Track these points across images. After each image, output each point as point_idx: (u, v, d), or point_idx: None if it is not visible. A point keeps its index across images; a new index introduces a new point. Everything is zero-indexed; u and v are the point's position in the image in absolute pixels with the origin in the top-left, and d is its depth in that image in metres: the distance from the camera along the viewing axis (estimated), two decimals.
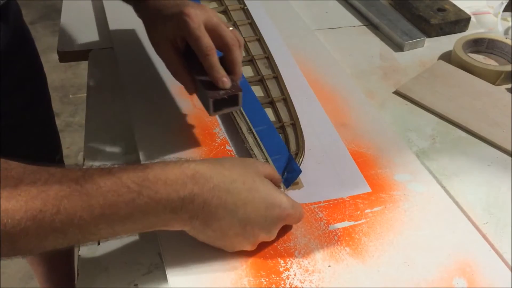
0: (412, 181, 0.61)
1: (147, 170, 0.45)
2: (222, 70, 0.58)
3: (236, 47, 0.59)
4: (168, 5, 0.61)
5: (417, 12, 0.92)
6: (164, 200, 0.45)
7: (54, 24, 1.78)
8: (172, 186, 0.45)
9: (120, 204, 0.43)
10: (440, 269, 0.51)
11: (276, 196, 0.51)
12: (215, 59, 0.57)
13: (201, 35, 0.57)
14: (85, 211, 0.42)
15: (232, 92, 0.57)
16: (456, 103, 0.74)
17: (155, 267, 0.52)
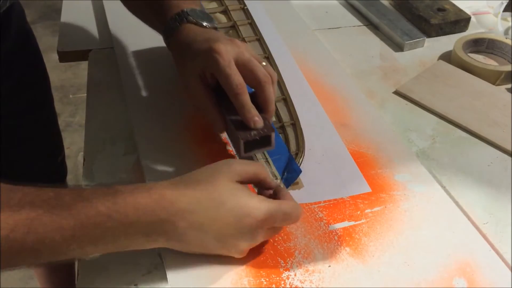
0: (412, 181, 0.61)
1: (116, 194, 0.46)
2: (253, 109, 0.55)
3: (268, 83, 0.57)
4: (198, 40, 0.59)
5: (417, 12, 0.92)
6: (135, 224, 0.45)
7: (54, 24, 1.78)
8: (141, 211, 0.46)
9: (90, 227, 0.44)
10: (440, 269, 0.51)
11: (245, 205, 0.48)
12: (246, 98, 0.55)
13: (231, 73, 0.55)
14: (56, 232, 0.43)
15: (264, 132, 0.54)
16: (456, 103, 0.74)
17: (155, 267, 0.52)
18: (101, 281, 0.51)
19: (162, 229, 0.47)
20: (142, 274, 0.52)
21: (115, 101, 0.73)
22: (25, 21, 0.84)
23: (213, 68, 0.56)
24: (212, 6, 0.89)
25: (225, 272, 0.50)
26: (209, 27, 0.63)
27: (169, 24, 0.63)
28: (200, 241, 0.48)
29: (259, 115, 0.55)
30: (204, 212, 0.47)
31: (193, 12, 0.63)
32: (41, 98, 0.91)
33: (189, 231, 0.47)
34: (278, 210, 0.49)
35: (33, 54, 0.87)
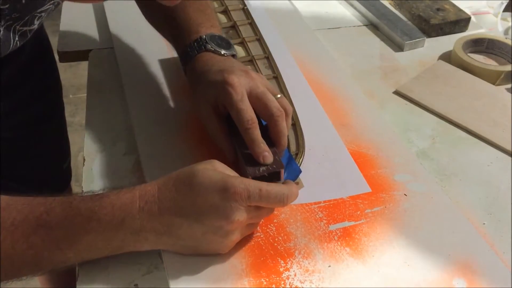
0: (412, 181, 0.61)
1: (103, 198, 0.48)
2: (263, 144, 0.54)
3: (281, 117, 0.56)
4: (213, 70, 0.59)
5: (417, 12, 0.92)
6: (123, 225, 0.47)
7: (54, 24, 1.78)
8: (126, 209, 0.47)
9: (82, 234, 0.46)
10: (440, 269, 0.51)
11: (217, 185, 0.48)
12: (256, 133, 0.55)
13: (243, 107, 0.55)
14: (52, 244, 0.46)
15: (272, 169, 0.54)
16: (456, 103, 0.74)
17: (155, 267, 0.52)
18: (101, 281, 0.51)
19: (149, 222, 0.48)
20: (142, 274, 0.52)
21: (115, 101, 0.73)
22: (43, 30, 0.84)
23: (225, 101, 0.56)
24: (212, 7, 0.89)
25: (225, 272, 0.50)
26: (227, 55, 0.63)
27: (187, 51, 0.63)
28: (186, 230, 0.48)
29: (269, 150, 0.55)
30: (182, 221, 0.48)
31: (212, 39, 0.63)
32: (54, 106, 0.91)
33: (176, 219, 0.48)
34: (257, 187, 0.48)
35: (49, 64, 0.87)
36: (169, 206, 0.47)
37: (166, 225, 0.48)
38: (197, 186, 0.48)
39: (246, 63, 0.78)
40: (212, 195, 0.47)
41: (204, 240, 0.49)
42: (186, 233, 0.48)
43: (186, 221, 0.48)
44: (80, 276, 0.51)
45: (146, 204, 0.47)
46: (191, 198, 0.48)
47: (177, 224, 0.48)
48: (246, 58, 0.78)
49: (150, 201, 0.47)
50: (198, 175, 0.48)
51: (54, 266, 0.47)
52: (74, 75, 2.13)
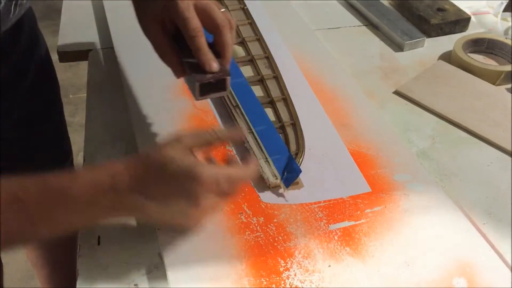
0: (412, 181, 0.61)
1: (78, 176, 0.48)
2: (210, 53, 0.56)
3: (226, 28, 0.57)
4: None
5: (417, 12, 0.92)
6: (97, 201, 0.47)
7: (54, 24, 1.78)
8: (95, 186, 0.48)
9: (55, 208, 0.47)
10: (440, 269, 0.51)
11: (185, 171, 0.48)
12: (202, 41, 0.56)
13: (189, 16, 0.56)
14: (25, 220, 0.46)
15: (219, 76, 0.55)
16: (456, 103, 0.74)
17: (155, 267, 0.52)
18: (101, 281, 0.51)
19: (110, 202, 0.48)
20: (142, 274, 0.52)
21: (115, 101, 0.73)
22: (36, 26, 0.84)
23: (171, 11, 0.57)
24: None
25: (225, 272, 0.50)
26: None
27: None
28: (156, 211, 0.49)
29: (215, 59, 0.56)
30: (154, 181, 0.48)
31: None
32: (51, 103, 0.91)
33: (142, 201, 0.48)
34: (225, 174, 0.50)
35: (44, 59, 0.87)
36: (139, 188, 0.48)
37: (136, 205, 0.48)
38: (167, 173, 0.48)
39: (246, 63, 0.78)
40: (181, 183, 0.48)
41: (175, 219, 0.50)
42: (156, 213, 0.49)
43: (156, 204, 0.49)
44: (80, 276, 0.51)
45: (117, 184, 0.48)
46: (161, 185, 0.48)
47: (147, 205, 0.48)
48: (246, 58, 0.78)
49: (121, 180, 0.48)
50: (168, 163, 0.49)
51: (26, 242, 0.48)
52: (74, 75, 2.13)
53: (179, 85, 0.74)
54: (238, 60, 0.77)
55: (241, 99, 0.69)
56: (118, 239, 0.55)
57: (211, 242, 0.53)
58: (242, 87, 0.71)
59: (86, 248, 0.54)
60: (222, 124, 0.68)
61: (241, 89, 0.71)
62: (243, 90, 0.71)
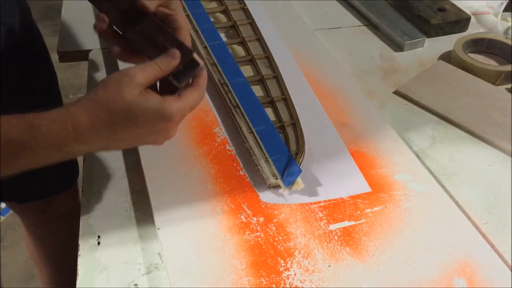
0: (412, 181, 0.61)
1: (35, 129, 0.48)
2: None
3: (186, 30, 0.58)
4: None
5: (417, 12, 0.92)
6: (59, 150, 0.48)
7: (54, 24, 1.78)
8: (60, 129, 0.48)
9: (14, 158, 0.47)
10: (440, 269, 0.51)
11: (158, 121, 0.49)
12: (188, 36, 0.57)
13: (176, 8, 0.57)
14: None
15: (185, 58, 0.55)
16: (456, 103, 0.74)
17: (155, 267, 0.52)
18: (101, 281, 0.51)
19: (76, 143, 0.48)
20: (142, 274, 0.52)
21: None
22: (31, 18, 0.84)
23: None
24: (212, 6, 0.89)
25: (225, 272, 0.50)
26: None
27: None
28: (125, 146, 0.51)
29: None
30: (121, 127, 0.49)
31: None
32: (49, 96, 0.91)
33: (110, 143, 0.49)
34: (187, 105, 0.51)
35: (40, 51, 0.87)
36: (106, 135, 0.48)
37: (104, 147, 0.49)
38: (135, 117, 0.48)
39: (246, 63, 0.78)
40: (152, 124, 0.49)
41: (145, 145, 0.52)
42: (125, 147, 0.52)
43: (125, 143, 0.50)
44: (80, 276, 0.51)
45: (82, 136, 0.48)
46: (130, 128, 0.49)
47: (115, 145, 0.50)
48: (246, 57, 0.78)
49: (85, 132, 0.48)
50: (134, 108, 0.48)
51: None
52: (74, 75, 2.13)
53: None
54: (238, 60, 0.77)
55: (241, 99, 0.69)
56: (118, 239, 0.55)
57: (211, 242, 0.53)
58: (242, 87, 0.71)
59: (86, 248, 0.54)
60: (222, 123, 0.68)
61: (241, 89, 0.71)
62: (243, 90, 0.71)
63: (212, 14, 0.88)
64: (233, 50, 0.80)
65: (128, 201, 0.59)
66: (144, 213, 0.57)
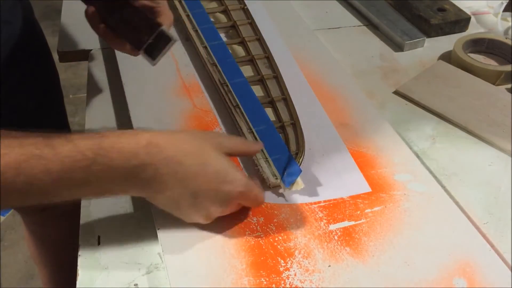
0: (412, 181, 0.61)
1: (103, 138, 0.47)
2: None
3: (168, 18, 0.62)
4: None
5: (417, 12, 0.92)
6: (118, 167, 0.47)
7: (54, 24, 1.78)
8: (125, 154, 0.47)
9: (77, 170, 0.45)
10: (440, 269, 0.51)
11: (229, 172, 0.51)
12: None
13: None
14: (44, 174, 0.44)
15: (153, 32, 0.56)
16: (456, 103, 0.74)
17: (155, 267, 0.52)
18: (101, 281, 0.51)
19: (144, 174, 0.48)
20: (142, 274, 0.52)
21: (115, 101, 0.73)
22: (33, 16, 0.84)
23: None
24: (212, 6, 0.89)
25: (225, 272, 0.50)
26: None
27: None
28: (176, 193, 0.50)
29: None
30: (189, 167, 0.49)
31: None
32: (50, 94, 0.91)
33: (171, 180, 0.49)
34: (253, 190, 0.53)
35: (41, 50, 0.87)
36: (172, 166, 0.48)
37: (160, 181, 0.49)
38: (208, 166, 0.50)
39: (246, 63, 0.78)
40: (216, 173, 0.50)
41: (184, 209, 0.51)
42: (173, 196, 0.50)
43: (182, 189, 0.49)
44: (80, 276, 0.51)
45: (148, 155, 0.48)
46: (197, 172, 0.50)
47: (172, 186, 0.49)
48: (246, 57, 0.78)
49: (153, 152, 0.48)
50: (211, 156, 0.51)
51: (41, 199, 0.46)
52: (74, 75, 2.13)
53: (179, 85, 0.74)
54: (238, 60, 0.77)
55: (241, 99, 0.69)
56: (118, 239, 0.55)
57: (211, 242, 0.53)
58: (242, 87, 0.71)
59: (86, 248, 0.54)
60: (222, 123, 0.68)
61: (241, 89, 0.71)
62: (243, 90, 0.71)
63: (212, 14, 0.88)
64: (233, 50, 0.81)
65: (128, 201, 0.59)
66: (144, 213, 0.57)
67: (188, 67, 0.78)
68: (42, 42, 0.87)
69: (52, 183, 0.45)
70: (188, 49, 0.82)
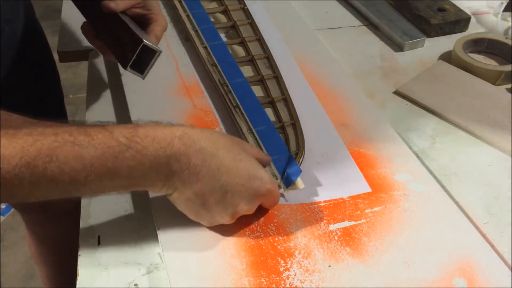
0: (412, 181, 0.61)
1: (138, 127, 0.47)
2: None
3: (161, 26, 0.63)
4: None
5: (417, 12, 0.92)
6: (151, 156, 0.47)
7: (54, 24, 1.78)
8: (159, 143, 0.47)
9: (109, 156, 0.45)
10: (440, 269, 0.51)
11: (258, 169, 0.53)
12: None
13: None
14: (76, 161, 0.44)
15: (136, 48, 0.56)
16: (456, 103, 0.74)
17: (155, 267, 0.52)
18: (101, 281, 0.51)
19: (177, 163, 0.48)
20: (142, 274, 0.52)
21: (115, 101, 0.73)
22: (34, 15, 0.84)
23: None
24: (212, 6, 0.89)
25: (225, 272, 0.50)
26: None
27: None
28: (206, 186, 0.49)
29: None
30: (222, 160, 0.50)
31: None
32: (50, 96, 0.91)
33: (203, 172, 0.49)
34: (277, 188, 0.55)
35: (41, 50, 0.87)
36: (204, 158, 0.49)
37: (192, 172, 0.49)
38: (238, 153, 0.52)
39: (246, 63, 0.78)
40: (247, 170, 0.51)
41: (211, 206, 0.51)
42: (202, 190, 0.49)
43: (213, 182, 0.49)
44: (80, 276, 0.51)
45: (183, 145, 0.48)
46: (230, 166, 0.50)
47: (201, 178, 0.49)
48: (246, 58, 0.78)
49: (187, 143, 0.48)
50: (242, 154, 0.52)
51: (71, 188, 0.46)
52: (74, 75, 2.13)
53: (179, 85, 0.74)
54: (238, 60, 0.77)
55: (241, 99, 0.69)
56: (118, 239, 0.55)
57: (211, 242, 0.53)
58: (242, 87, 0.71)
59: (86, 248, 0.54)
60: (222, 123, 0.68)
61: (241, 89, 0.71)
62: (243, 90, 0.71)
63: (212, 14, 0.88)
64: (233, 50, 0.81)
65: (128, 201, 0.59)
66: (144, 213, 0.57)
67: (188, 67, 0.78)
68: (43, 41, 0.87)
69: (83, 170, 0.44)
70: (188, 49, 0.82)
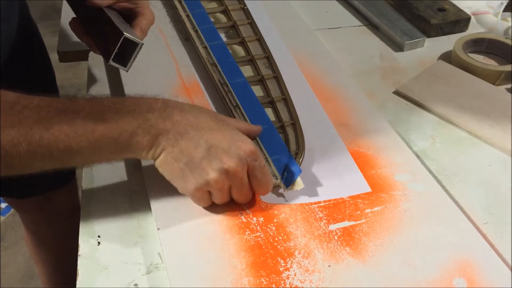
0: (412, 181, 0.61)
1: (125, 98, 0.52)
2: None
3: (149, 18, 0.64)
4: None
5: (417, 12, 0.92)
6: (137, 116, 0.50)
7: (54, 24, 1.78)
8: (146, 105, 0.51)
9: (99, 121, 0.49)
10: (440, 269, 0.51)
11: (241, 135, 0.55)
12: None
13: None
14: (69, 127, 0.47)
15: (118, 41, 0.57)
16: (456, 103, 0.74)
17: (155, 267, 0.52)
18: (101, 281, 0.51)
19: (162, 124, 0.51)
20: (142, 274, 0.52)
21: None
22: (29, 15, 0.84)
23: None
24: (212, 6, 0.89)
25: (225, 272, 0.50)
26: None
27: None
28: (192, 143, 0.52)
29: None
30: (205, 122, 0.53)
31: None
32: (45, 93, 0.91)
33: (187, 128, 0.52)
34: (262, 158, 0.56)
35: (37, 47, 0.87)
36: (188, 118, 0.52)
37: (178, 129, 0.51)
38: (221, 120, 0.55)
39: (246, 63, 0.78)
40: (230, 132, 0.54)
41: (197, 162, 0.52)
42: (187, 146, 0.52)
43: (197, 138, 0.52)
44: (80, 276, 0.51)
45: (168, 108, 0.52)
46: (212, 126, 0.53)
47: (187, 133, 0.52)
48: (246, 58, 0.78)
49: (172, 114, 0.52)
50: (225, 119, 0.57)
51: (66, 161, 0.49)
52: (74, 75, 2.13)
53: (179, 85, 0.74)
54: (238, 60, 0.77)
55: (241, 99, 0.69)
56: (118, 239, 0.55)
57: (211, 242, 0.53)
58: (242, 87, 0.71)
59: (86, 248, 0.54)
60: None
61: (241, 89, 0.71)
62: (243, 90, 0.71)
63: (212, 14, 0.88)
64: (233, 50, 0.81)
65: (128, 201, 0.59)
66: (144, 213, 0.57)
67: (188, 67, 0.78)
68: (39, 39, 0.87)
69: (76, 137, 0.47)
70: (188, 49, 0.82)
